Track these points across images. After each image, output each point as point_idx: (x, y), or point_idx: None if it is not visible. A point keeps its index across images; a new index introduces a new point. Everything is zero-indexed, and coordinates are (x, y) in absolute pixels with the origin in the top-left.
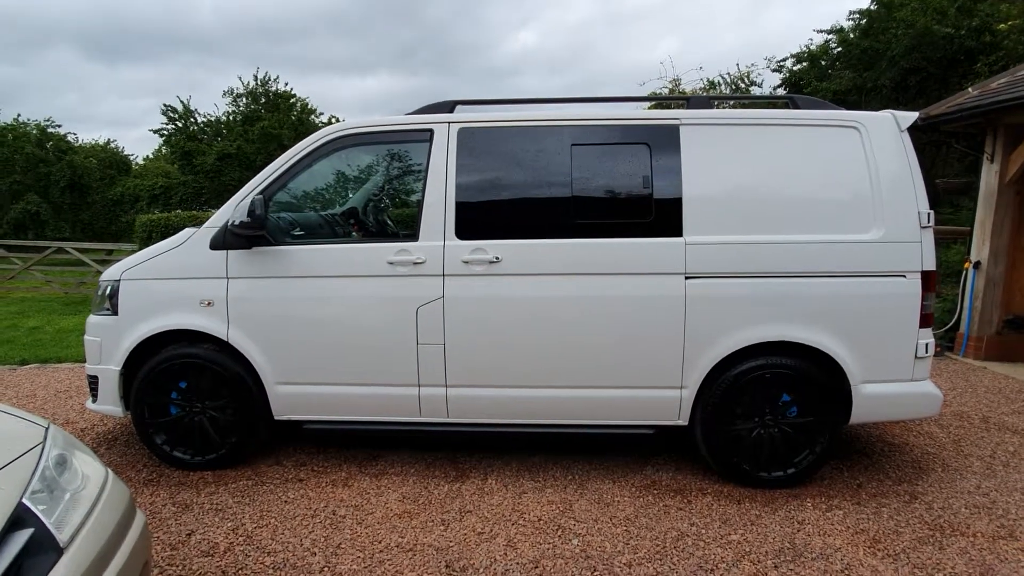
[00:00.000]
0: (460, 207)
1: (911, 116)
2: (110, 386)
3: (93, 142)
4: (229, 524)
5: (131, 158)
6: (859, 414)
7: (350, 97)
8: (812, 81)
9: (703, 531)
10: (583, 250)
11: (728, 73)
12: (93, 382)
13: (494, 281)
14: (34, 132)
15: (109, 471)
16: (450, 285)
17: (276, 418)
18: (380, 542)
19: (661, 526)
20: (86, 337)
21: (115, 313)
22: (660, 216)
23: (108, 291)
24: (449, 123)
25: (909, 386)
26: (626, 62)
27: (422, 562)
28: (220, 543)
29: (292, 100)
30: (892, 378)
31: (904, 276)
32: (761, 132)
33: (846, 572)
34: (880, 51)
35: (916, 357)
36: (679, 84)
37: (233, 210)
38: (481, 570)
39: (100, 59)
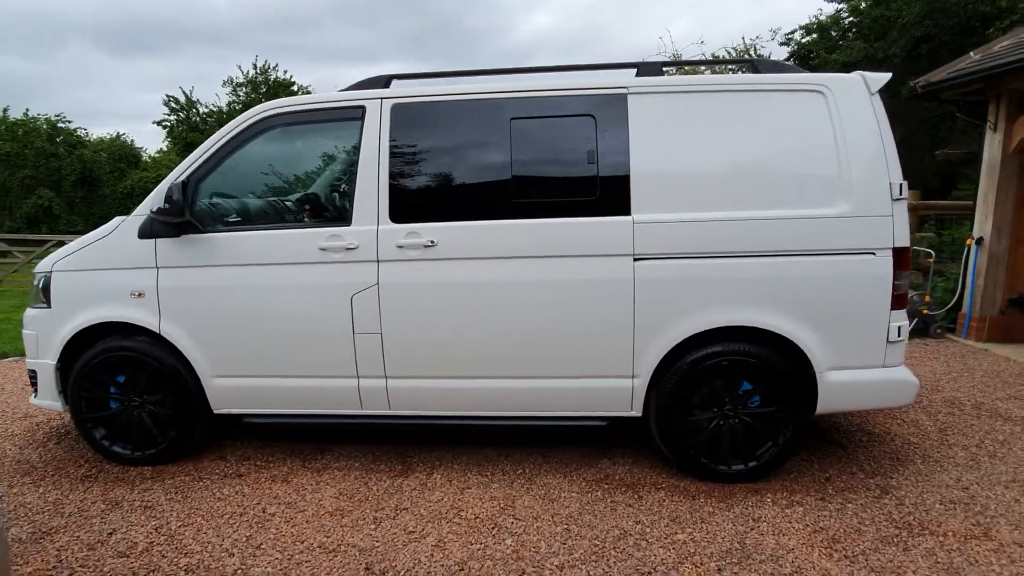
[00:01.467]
0: (394, 188)
1: (882, 77)
2: (48, 380)
3: (108, 136)
4: (154, 523)
5: (142, 151)
6: (826, 403)
7: None
8: (821, 53)
9: (648, 530)
10: (523, 232)
11: (733, 48)
12: (33, 376)
13: (430, 266)
14: (44, 127)
15: None
16: (385, 271)
17: (215, 412)
18: (303, 542)
19: (604, 524)
20: (24, 331)
21: (49, 306)
22: (606, 194)
23: (41, 283)
24: (382, 99)
25: (880, 373)
26: (641, 42)
27: (341, 564)
28: (140, 543)
29: (292, 88)
30: (861, 364)
31: (873, 254)
32: (717, 99)
33: (796, 575)
34: (891, 19)
35: (888, 341)
36: (679, 59)
37: (159, 196)
38: (401, 572)
39: (117, 53)
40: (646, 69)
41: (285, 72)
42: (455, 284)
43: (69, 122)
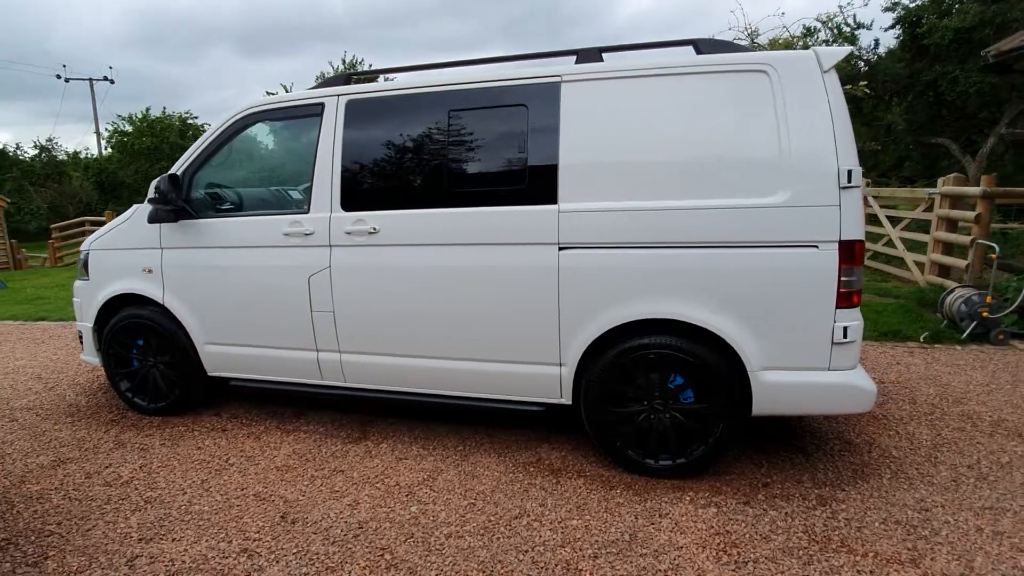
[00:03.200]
0: (345, 179)
1: (838, 53)
2: (89, 340)
3: None
4: (141, 462)
5: None
6: (762, 404)
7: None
8: (931, 18)
9: (548, 513)
10: (454, 220)
11: (827, 16)
12: (80, 336)
13: (373, 251)
14: (176, 123)
15: None
16: (336, 255)
17: (210, 374)
18: (244, 490)
19: (510, 503)
20: (73, 299)
21: (88, 278)
22: (534, 182)
23: (83, 260)
24: (338, 96)
25: (825, 376)
26: (752, 16)
27: (263, 510)
28: (124, 476)
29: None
30: (802, 366)
31: (816, 247)
32: (653, 84)
33: (670, 572)
34: None
35: (833, 343)
36: (756, 35)
37: None
38: (310, 524)
39: (251, 55)
40: (585, 56)
41: (370, 65)
42: (394, 268)
43: (196, 118)
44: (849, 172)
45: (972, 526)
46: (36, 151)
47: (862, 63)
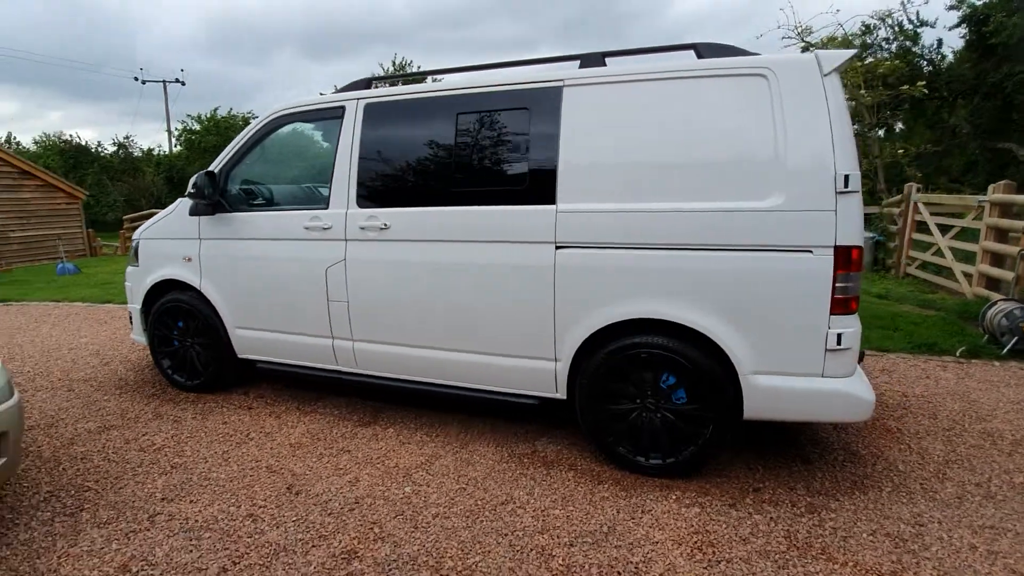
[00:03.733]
0: (361, 177)
1: (841, 56)
2: (137, 321)
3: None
4: (173, 432)
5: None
6: (754, 408)
7: None
8: (999, 16)
9: (533, 501)
10: (458, 218)
11: (888, 14)
12: (130, 317)
13: (383, 246)
14: (240, 123)
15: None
16: (350, 249)
17: (239, 356)
18: (258, 462)
19: (499, 490)
20: (125, 283)
21: (138, 264)
22: (534, 183)
23: (134, 248)
24: (358, 99)
25: (819, 383)
26: (803, 14)
27: (272, 481)
28: (157, 443)
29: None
30: (795, 371)
31: (810, 252)
32: (653, 88)
33: (639, 566)
34: None
35: (827, 349)
36: (808, 33)
37: None
38: (312, 496)
39: (316, 57)
40: (588, 60)
41: (418, 67)
42: (402, 263)
43: (257, 117)
44: (847, 177)
45: (966, 544)
46: (115, 148)
47: (924, 62)
